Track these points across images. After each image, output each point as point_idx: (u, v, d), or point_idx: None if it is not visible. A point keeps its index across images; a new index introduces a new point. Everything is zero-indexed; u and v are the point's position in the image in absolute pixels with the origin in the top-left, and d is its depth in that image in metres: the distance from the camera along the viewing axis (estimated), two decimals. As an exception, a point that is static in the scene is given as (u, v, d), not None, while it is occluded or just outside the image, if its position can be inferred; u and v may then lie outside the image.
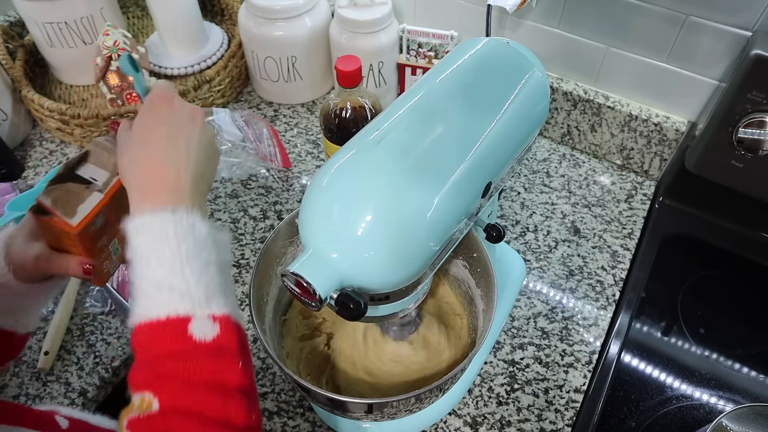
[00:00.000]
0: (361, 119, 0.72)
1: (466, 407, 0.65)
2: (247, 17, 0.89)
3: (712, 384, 0.68)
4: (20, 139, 0.92)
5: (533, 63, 0.53)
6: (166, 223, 0.40)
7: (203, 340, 0.38)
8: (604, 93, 0.85)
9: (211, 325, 0.39)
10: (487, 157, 0.47)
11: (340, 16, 0.86)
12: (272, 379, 0.66)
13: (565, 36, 0.82)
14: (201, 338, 0.38)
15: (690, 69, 0.76)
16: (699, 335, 0.72)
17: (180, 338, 0.38)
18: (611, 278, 0.76)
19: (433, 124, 0.45)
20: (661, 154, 0.84)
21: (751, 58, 0.64)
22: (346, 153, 0.43)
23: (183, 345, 0.38)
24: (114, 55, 0.86)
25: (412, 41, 0.89)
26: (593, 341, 0.70)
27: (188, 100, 0.89)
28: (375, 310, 0.48)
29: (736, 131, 0.68)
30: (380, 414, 0.50)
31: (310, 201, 0.42)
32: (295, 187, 0.86)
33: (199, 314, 0.39)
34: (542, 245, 0.79)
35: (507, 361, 0.68)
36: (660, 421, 0.64)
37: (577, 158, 0.90)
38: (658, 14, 0.73)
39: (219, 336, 0.39)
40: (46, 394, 0.65)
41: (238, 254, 0.78)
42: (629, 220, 0.82)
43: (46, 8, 0.86)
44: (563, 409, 0.64)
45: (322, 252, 0.40)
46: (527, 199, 0.85)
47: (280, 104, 0.99)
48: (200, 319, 0.39)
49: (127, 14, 1.11)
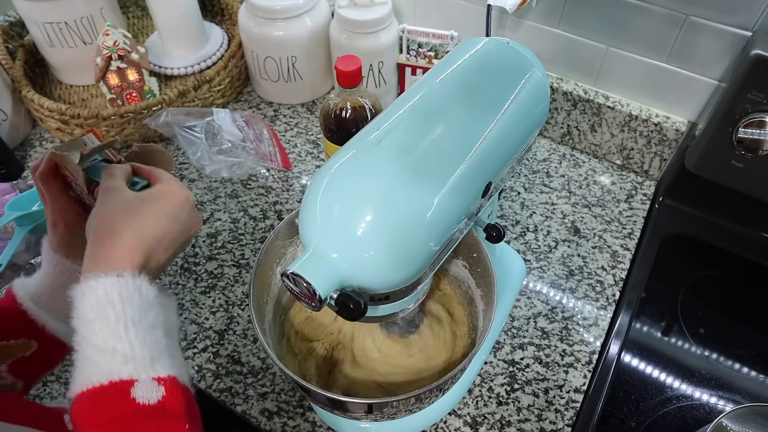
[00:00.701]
0: (361, 119, 0.72)
1: (466, 407, 0.65)
2: (247, 17, 0.89)
3: (712, 384, 0.68)
4: (20, 139, 0.92)
5: (533, 63, 0.53)
6: (111, 285, 0.40)
7: (147, 403, 0.37)
8: (604, 93, 0.85)
9: (156, 387, 0.38)
10: (487, 157, 0.47)
11: (340, 16, 0.86)
12: (272, 379, 0.66)
13: (565, 36, 0.82)
14: (145, 401, 0.37)
15: (690, 69, 0.76)
16: (699, 335, 0.72)
17: (122, 403, 0.37)
18: (611, 278, 0.76)
19: (433, 124, 0.45)
20: (661, 154, 0.84)
21: (751, 58, 0.64)
22: (346, 153, 0.43)
23: (125, 409, 0.37)
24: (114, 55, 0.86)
25: (412, 41, 0.89)
26: (593, 341, 0.70)
27: (188, 100, 0.90)
28: (375, 310, 0.48)
29: (736, 131, 0.68)
30: (380, 414, 0.49)
31: (310, 201, 0.42)
32: (295, 187, 0.86)
33: (143, 377, 0.38)
34: (542, 245, 0.79)
35: (507, 361, 0.68)
36: (660, 421, 0.64)
37: (577, 158, 0.90)
38: (658, 14, 0.73)
39: (164, 398, 0.38)
40: (46, 395, 0.65)
41: (238, 254, 0.78)
42: (629, 220, 0.82)
43: (46, 8, 0.86)
44: (563, 409, 0.64)
45: (322, 252, 0.40)
46: (527, 199, 0.85)
47: (280, 104, 0.99)
48: (144, 382, 0.38)
49: (127, 14, 1.11)
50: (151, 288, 0.42)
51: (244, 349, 0.69)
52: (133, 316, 0.40)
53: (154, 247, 0.44)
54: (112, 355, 0.38)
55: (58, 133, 0.91)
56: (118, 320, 0.39)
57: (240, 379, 0.66)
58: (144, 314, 0.40)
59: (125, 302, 0.40)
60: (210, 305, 0.73)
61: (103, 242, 0.43)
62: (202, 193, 0.85)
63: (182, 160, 0.90)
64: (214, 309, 0.73)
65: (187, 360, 0.68)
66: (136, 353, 0.39)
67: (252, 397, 0.65)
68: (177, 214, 0.47)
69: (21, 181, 0.85)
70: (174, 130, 0.83)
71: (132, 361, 0.38)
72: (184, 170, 0.89)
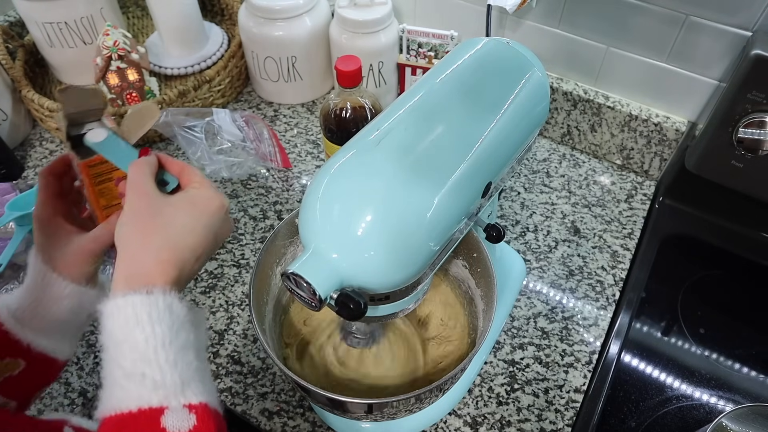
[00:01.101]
0: (361, 119, 0.72)
1: (466, 407, 0.65)
2: (247, 17, 0.89)
3: (712, 384, 0.68)
4: (20, 139, 0.92)
5: (533, 63, 0.53)
6: (140, 304, 0.38)
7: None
8: (604, 93, 0.85)
9: (187, 415, 0.37)
10: (487, 157, 0.47)
11: (340, 16, 0.86)
12: (272, 379, 0.66)
13: (565, 36, 0.82)
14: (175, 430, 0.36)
15: (690, 69, 0.76)
16: (699, 335, 0.72)
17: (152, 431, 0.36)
18: (611, 278, 0.76)
19: (433, 124, 0.45)
20: (661, 154, 0.84)
21: (751, 58, 0.64)
22: (346, 153, 0.43)
23: None
24: (114, 55, 0.86)
25: (412, 41, 0.89)
26: (593, 341, 0.70)
27: (188, 100, 0.90)
28: (375, 310, 0.48)
29: (736, 131, 0.68)
30: (380, 414, 0.50)
31: (310, 201, 0.42)
32: (295, 187, 0.86)
33: (173, 405, 0.37)
34: (542, 245, 0.79)
35: (507, 361, 0.68)
36: (660, 421, 0.64)
37: (577, 158, 0.90)
38: (658, 14, 0.73)
39: (195, 427, 0.37)
40: (46, 395, 0.65)
41: (238, 254, 0.78)
42: (629, 220, 0.82)
43: (46, 8, 0.86)
44: (563, 409, 0.64)
45: (322, 252, 0.40)
46: (527, 199, 0.85)
47: (280, 104, 0.99)
48: (175, 409, 0.36)
49: (127, 14, 1.11)
50: (182, 305, 0.40)
51: (244, 349, 0.69)
52: (163, 338, 0.38)
53: (188, 258, 0.42)
54: (141, 380, 0.37)
55: (58, 133, 0.91)
56: (147, 343, 0.37)
57: (240, 379, 0.66)
58: (175, 335, 0.38)
59: (155, 323, 0.38)
60: (210, 305, 0.73)
61: (134, 256, 0.41)
62: (202, 193, 0.85)
63: (182, 159, 0.90)
64: (214, 309, 0.73)
65: (187, 360, 0.68)
66: (167, 379, 0.37)
67: (252, 397, 0.65)
68: (212, 223, 0.44)
69: (21, 181, 0.85)
70: (174, 130, 0.83)
71: (162, 388, 0.37)
72: (184, 170, 0.89)
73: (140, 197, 0.43)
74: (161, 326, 0.38)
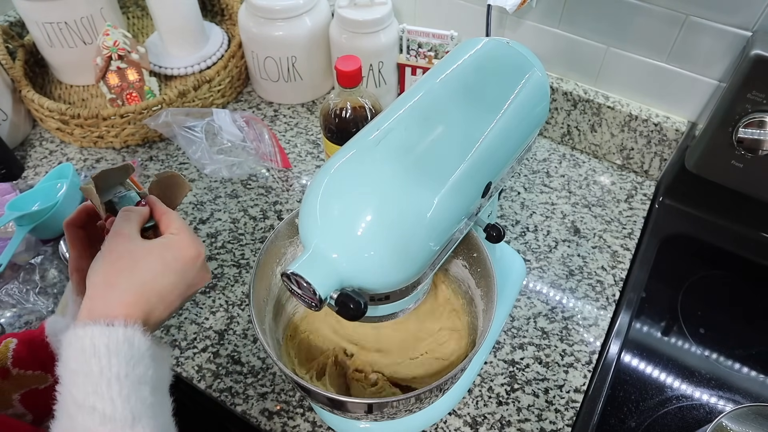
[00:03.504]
0: (361, 119, 0.72)
1: (466, 407, 0.65)
2: (247, 17, 0.89)
3: (712, 384, 0.68)
4: (20, 139, 0.92)
5: (533, 63, 0.53)
6: (99, 335, 0.38)
7: None
8: (604, 93, 0.85)
9: None
10: (487, 157, 0.47)
11: (340, 16, 0.86)
12: (272, 379, 0.66)
13: (565, 36, 0.82)
14: None
15: (690, 69, 0.76)
16: (699, 335, 0.72)
17: None
18: (611, 278, 0.76)
19: (433, 124, 0.45)
20: (661, 154, 0.84)
21: (751, 58, 0.64)
22: (346, 153, 0.43)
23: None
24: (114, 55, 0.86)
25: (412, 41, 0.89)
26: (593, 341, 0.70)
27: (188, 100, 0.90)
28: (375, 310, 0.48)
29: (736, 131, 0.68)
30: (380, 414, 0.49)
31: (310, 201, 0.42)
32: (295, 187, 0.86)
33: None
34: (542, 245, 0.79)
35: (507, 361, 0.68)
36: (660, 421, 0.64)
37: (577, 158, 0.90)
38: (658, 14, 0.73)
39: None
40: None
41: (238, 254, 0.78)
42: (629, 220, 0.82)
43: (46, 8, 0.86)
44: (563, 409, 0.64)
45: (322, 252, 0.40)
46: (527, 199, 0.85)
47: (280, 104, 0.99)
48: None
49: (127, 14, 1.11)
50: (144, 339, 0.39)
51: (244, 349, 0.69)
52: (119, 371, 0.37)
53: (155, 302, 0.42)
54: (91, 413, 0.36)
55: (57, 133, 0.91)
56: (101, 375, 0.37)
57: (240, 379, 0.66)
58: (132, 368, 0.38)
59: (112, 354, 0.37)
60: (210, 305, 0.73)
61: (101, 295, 0.41)
62: (202, 192, 0.85)
63: (182, 159, 0.90)
64: (214, 309, 0.73)
65: (187, 360, 0.68)
66: (117, 413, 0.36)
67: (252, 397, 0.65)
68: (185, 270, 0.44)
69: (21, 181, 0.85)
70: (174, 130, 0.83)
71: (111, 422, 0.36)
72: (184, 170, 0.89)
73: (116, 239, 0.43)
74: (118, 358, 0.38)
